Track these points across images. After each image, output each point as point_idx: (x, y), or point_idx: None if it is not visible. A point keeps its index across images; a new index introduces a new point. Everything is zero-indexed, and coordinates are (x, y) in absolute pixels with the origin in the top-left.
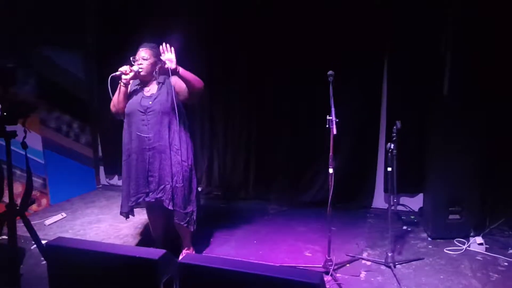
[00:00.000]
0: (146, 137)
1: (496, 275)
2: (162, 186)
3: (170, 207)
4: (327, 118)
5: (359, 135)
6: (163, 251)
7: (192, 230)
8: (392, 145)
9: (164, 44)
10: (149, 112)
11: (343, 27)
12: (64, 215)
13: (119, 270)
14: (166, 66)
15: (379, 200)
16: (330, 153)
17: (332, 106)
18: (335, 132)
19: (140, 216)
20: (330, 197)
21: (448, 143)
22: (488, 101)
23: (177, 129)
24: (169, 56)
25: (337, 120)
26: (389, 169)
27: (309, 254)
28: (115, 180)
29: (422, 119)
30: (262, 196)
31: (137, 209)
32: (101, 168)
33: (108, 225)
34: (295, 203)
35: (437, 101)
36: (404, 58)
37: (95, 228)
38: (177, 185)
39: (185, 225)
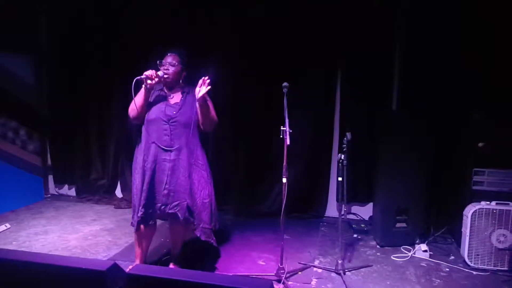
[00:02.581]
0: (168, 148)
1: (438, 281)
2: (177, 202)
3: (189, 226)
4: (281, 129)
5: (313, 146)
6: (111, 262)
7: (215, 245)
8: (343, 156)
9: (206, 78)
10: (172, 122)
11: (296, 39)
12: (8, 226)
13: (66, 282)
14: (195, 92)
15: (332, 209)
16: (284, 163)
17: (286, 117)
18: (288, 142)
19: (91, 227)
20: (283, 206)
21: (395, 154)
22: (432, 115)
23: (198, 143)
24: (203, 90)
25: (291, 131)
26: (340, 179)
27: (263, 263)
28: (65, 190)
29: (373, 131)
30: (218, 206)
31: (85, 219)
32: (50, 177)
33: (56, 237)
34: (250, 213)
35: (386, 114)
36: (356, 72)
37: (41, 240)
38: (204, 200)
39: (211, 241)
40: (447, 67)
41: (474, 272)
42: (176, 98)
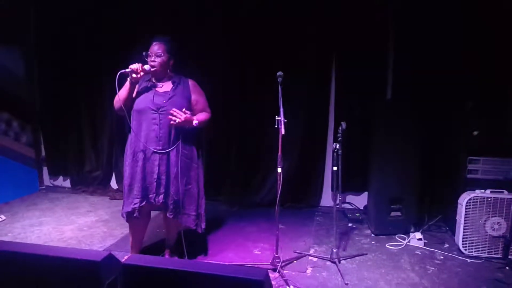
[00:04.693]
0: (157, 137)
1: (433, 268)
2: (168, 191)
3: (171, 216)
4: (276, 118)
5: (308, 136)
6: (106, 252)
7: (200, 231)
8: (338, 145)
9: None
10: (161, 111)
11: (291, 31)
12: (3, 218)
13: (61, 273)
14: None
15: (327, 199)
16: (279, 153)
17: (281, 106)
18: (283, 132)
19: (86, 219)
20: (278, 195)
21: (389, 144)
22: (427, 104)
23: (188, 132)
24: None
25: (286, 120)
26: (335, 168)
27: (258, 252)
28: (60, 181)
29: (368, 120)
30: (212, 197)
31: (80, 211)
32: (45, 169)
33: (51, 228)
34: (245, 203)
35: (380, 104)
36: (352, 63)
37: (36, 231)
38: (188, 187)
39: (194, 227)
40: (444, 58)
41: (468, 260)
42: (165, 87)
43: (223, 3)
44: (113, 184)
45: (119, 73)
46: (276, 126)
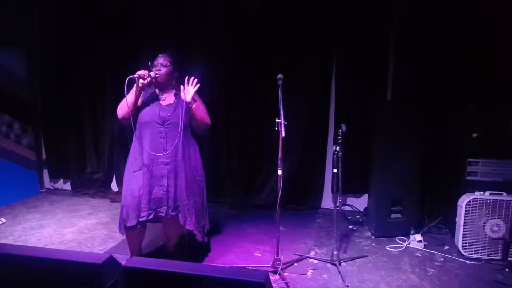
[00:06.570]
0: (164, 150)
1: (433, 270)
2: (178, 203)
3: (189, 227)
4: (276, 121)
5: (308, 138)
6: (107, 255)
7: (205, 241)
8: (338, 148)
9: (191, 78)
10: (167, 124)
11: (291, 32)
12: (4, 220)
13: (62, 276)
14: (181, 95)
15: (328, 201)
16: (279, 155)
17: (281, 109)
18: (283, 134)
19: (86, 221)
20: (278, 197)
21: (389, 146)
22: (427, 106)
23: (191, 141)
24: (189, 89)
25: (286, 123)
26: (335, 170)
27: (259, 255)
28: (60, 184)
29: (368, 122)
30: (213, 199)
31: (80, 213)
32: (45, 171)
33: (51, 231)
34: (246, 206)
35: (381, 105)
36: (352, 63)
37: (37, 234)
38: (195, 199)
39: (200, 239)
40: (444, 59)
41: (468, 262)
42: (168, 99)
43: (223, 3)
44: (114, 186)
45: (128, 78)
46: (276, 128)
